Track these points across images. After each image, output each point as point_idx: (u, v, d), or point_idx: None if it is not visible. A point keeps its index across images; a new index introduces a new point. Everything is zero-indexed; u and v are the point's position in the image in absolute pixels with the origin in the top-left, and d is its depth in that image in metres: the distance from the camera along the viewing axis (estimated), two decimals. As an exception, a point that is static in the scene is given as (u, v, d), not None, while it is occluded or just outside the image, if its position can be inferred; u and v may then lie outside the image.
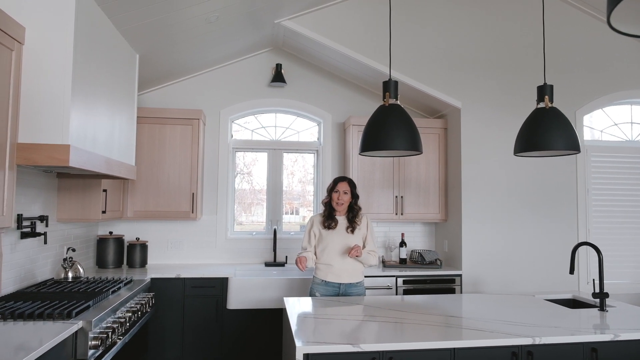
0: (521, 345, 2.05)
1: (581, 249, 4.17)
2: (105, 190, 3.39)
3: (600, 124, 4.51)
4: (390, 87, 2.48)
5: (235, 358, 3.70)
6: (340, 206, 3.07)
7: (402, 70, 3.99)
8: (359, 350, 1.91)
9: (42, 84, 2.23)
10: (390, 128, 2.35)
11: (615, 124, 4.54)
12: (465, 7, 4.13)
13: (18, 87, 2.16)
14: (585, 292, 3.28)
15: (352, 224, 3.10)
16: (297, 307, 2.59)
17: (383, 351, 1.95)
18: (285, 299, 2.79)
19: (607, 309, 2.61)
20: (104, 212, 3.37)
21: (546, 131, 2.53)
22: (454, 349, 2.01)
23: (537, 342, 2.04)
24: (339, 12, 3.92)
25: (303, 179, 4.73)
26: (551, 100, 2.62)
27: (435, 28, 4.10)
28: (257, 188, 4.65)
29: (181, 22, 3.21)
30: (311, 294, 3.09)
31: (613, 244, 4.29)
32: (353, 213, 3.13)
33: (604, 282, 3.96)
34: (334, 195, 3.10)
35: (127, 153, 3.26)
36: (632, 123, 4.57)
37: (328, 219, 3.09)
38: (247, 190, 4.64)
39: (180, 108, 4.17)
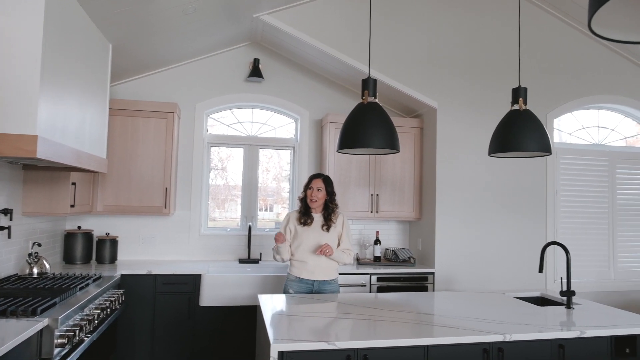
0: (492, 342, 2.10)
1: (549, 248, 4.29)
2: (74, 184, 3.28)
3: (569, 127, 4.65)
4: (369, 85, 2.48)
5: (208, 355, 3.65)
6: (314, 203, 3.07)
7: (380, 68, 4.01)
8: (334, 347, 1.91)
9: (8, 71, 2.14)
10: (368, 126, 2.35)
11: (584, 128, 4.69)
12: (445, 9, 4.18)
13: (-18, 74, 2.06)
14: (552, 290, 3.38)
15: (327, 222, 3.10)
16: (271, 305, 2.57)
17: (357, 349, 1.95)
18: (259, 296, 2.77)
19: (574, 306, 2.69)
20: (72, 206, 3.26)
21: (519, 133, 2.58)
22: (427, 346, 2.03)
23: (507, 339, 2.09)
24: (319, 9, 3.90)
25: (278, 176, 4.71)
26: (525, 103, 2.68)
27: (414, 28, 4.13)
28: (231, 184, 4.59)
29: (157, 12, 3.13)
30: (285, 291, 3.08)
31: (579, 243, 4.43)
32: (328, 211, 3.13)
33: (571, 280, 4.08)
34: (308, 192, 3.11)
35: (98, 145, 3.17)
36: (599, 127, 4.73)
37: (304, 215, 3.09)
38: (221, 186, 4.58)
39: (154, 101, 4.07)
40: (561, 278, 2.67)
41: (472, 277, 4.11)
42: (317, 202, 3.08)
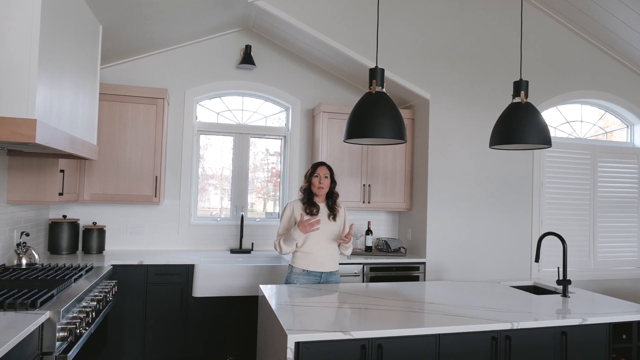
0: (500, 330, 2.14)
1: (534, 239, 4.41)
2: (62, 171, 3.14)
3: (554, 121, 4.77)
4: (377, 74, 2.46)
5: (201, 346, 3.59)
6: (321, 190, 3.00)
7: (373, 58, 3.99)
8: (350, 337, 1.91)
9: (5, 53, 2.01)
10: (378, 116, 2.34)
11: (567, 122, 4.82)
12: (439, 1, 4.19)
13: (-24, 53, 1.93)
14: (538, 278, 3.47)
15: (332, 211, 3.05)
16: (274, 295, 2.54)
17: (372, 338, 1.96)
18: (261, 286, 2.73)
19: (569, 295, 2.78)
20: (61, 194, 3.13)
21: (522, 125, 2.62)
22: (439, 334, 2.05)
23: (514, 327, 2.14)
24: (314, -4, 3.84)
25: (256, 165, 4.55)
26: (526, 96, 2.72)
27: (408, 19, 4.13)
28: (209, 173, 4.46)
29: (152, -7, 3.01)
30: (289, 283, 3.01)
31: (562, 234, 4.56)
32: (333, 199, 3.08)
33: (567, 269, 4.21)
34: (315, 180, 3.02)
35: (90, 131, 3.04)
36: (582, 121, 4.87)
37: (310, 205, 3.00)
38: (199, 176, 4.41)
39: (142, 86, 3.93)
40: (558, 267, 2.75)
41: (461, 266, 4.19)
42: (324, 190, 3.02)
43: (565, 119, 4.81)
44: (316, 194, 3.04)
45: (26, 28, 2.04)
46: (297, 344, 1.86)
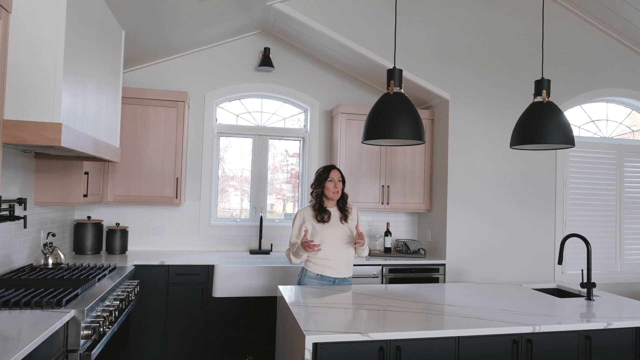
0: (521, 334, 2.10)
1: (557, 241, 4.31)
2: (86, 173, 3.22)
3: (578, 120, 4.66)
4: (395, 75, 2.46)
5: (221, 346, 3.63)
6: (336, 194, 2.97)
7: (391, 58, 3.97)
8: (368, 339, 1.90)
9: (31, 57, 2.08)
10: (396, 116, 2.33)
11: (592, 121, 4.71)
12: (458, 1, 4.15)
13: (4, 59, 1.99)
14: (561, 281, 3.40)
15: (344, 213, 3.03)
16: (292, 296, 2.55)
17: (390, 340, 1.95)
18: (280, 287, 2.75)
19: (594, 298, 2.71)
20: (85, 195, 3.21)
21: (544, 125, 2.57)
22: (459, 337, 2.03)
23: (536, 331, 2.09)
24: (332, -3, 3.85)
25: (275, 166, 4.59)
26: (548, 95, 2.66)
27: (427, 19, 4.10)
28: (229, 174, 4.50)
29: (172, -2, 3.07)
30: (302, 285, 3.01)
31: (587, 236, 4.45)
32: (343, 200, 3.05)
33: (592, 272, 4.12)
34: (329, 185, 2.95)
35: (113, 134, 3.11)
36: (607, 120, 4.75)
37: (321, 212, 2.95)
38: (219, 177, 4.47)
39: (163, 89, 4.01)
40: (582, 270, 2.69)
41: (482, 268, 4.13)
42: (339, 194, 2.98)
43: (590, 117, 4.69)
44: (331, 198, 2.97)
45: (52, 35, 2.10)
46: (315, 345, 1.86)
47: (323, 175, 3.00)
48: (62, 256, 2.96)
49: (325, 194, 2.99)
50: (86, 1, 2.44)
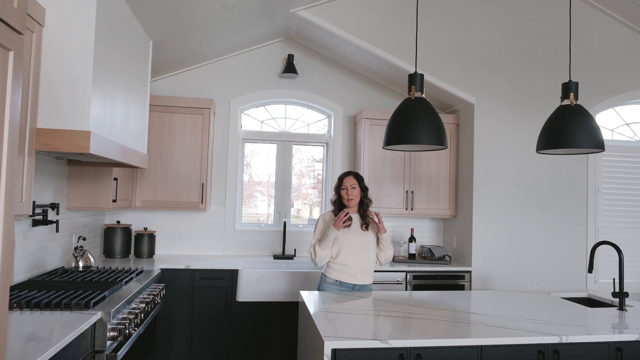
0: (548, 344, 2.04)
1: (589, 249, 4.16)
2: (116, 179, 3.33)
3: (611, 124, 4.51)
4: (416, 80, 2.44)
5: (244, 349, 3.67)
6: (351, 202, 2.96)
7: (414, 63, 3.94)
8: (388, 346, 1.89)
9: (62, 68, 2.16)
10: (417, 122, 2.31)
11: (626, 124, 4.54)
12: (482, 3, 4.09)
13: (38, 71, 2.09)
14: (593, 290, 3.27)
15: (364, 220, 3.02)
16: (314, 301, 2.56)
17: (410, 347, 1.92)
18: (301, 292, 2.76)
19: (627, 308, 2.61)
20: (114, 200, 3.31)
21: (571, 129, 2.50)
22: (481, 346, 1.98)
23: (563, 341, 2.03)
24: (355, 4, 3.86)
25: (297, 172, 4.62)
26: (576, 98, 2.59)
27: (451, 23, 4.05)
28: (255, 180, 4.56)
29: (197, 8, 3.14)
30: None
31: (621, 243, 4.28)
32: (364, 207, 3.03)
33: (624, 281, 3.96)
34: (342, 193, 2.98)
35: (140, 141, 3.20)
36: (642, 123, 4.57)
37: None
38: (245, 182, 4.54)
39: (190, 97, 4.10)
40: (614, 279, 2.59)
41: (509, 276, 4.03)
42: (354, 201, 2.97)
43: (624, 120, 4.53)
44: (347, 205, 2.98)
45: (81, 47, 2.19)
46: (334, 351, 1.86)
47: (337, 183, 3.07)
48: (92, 259, 3.06)
49: (342, 202, 3.02)
50: (115, 14, 2.53)
